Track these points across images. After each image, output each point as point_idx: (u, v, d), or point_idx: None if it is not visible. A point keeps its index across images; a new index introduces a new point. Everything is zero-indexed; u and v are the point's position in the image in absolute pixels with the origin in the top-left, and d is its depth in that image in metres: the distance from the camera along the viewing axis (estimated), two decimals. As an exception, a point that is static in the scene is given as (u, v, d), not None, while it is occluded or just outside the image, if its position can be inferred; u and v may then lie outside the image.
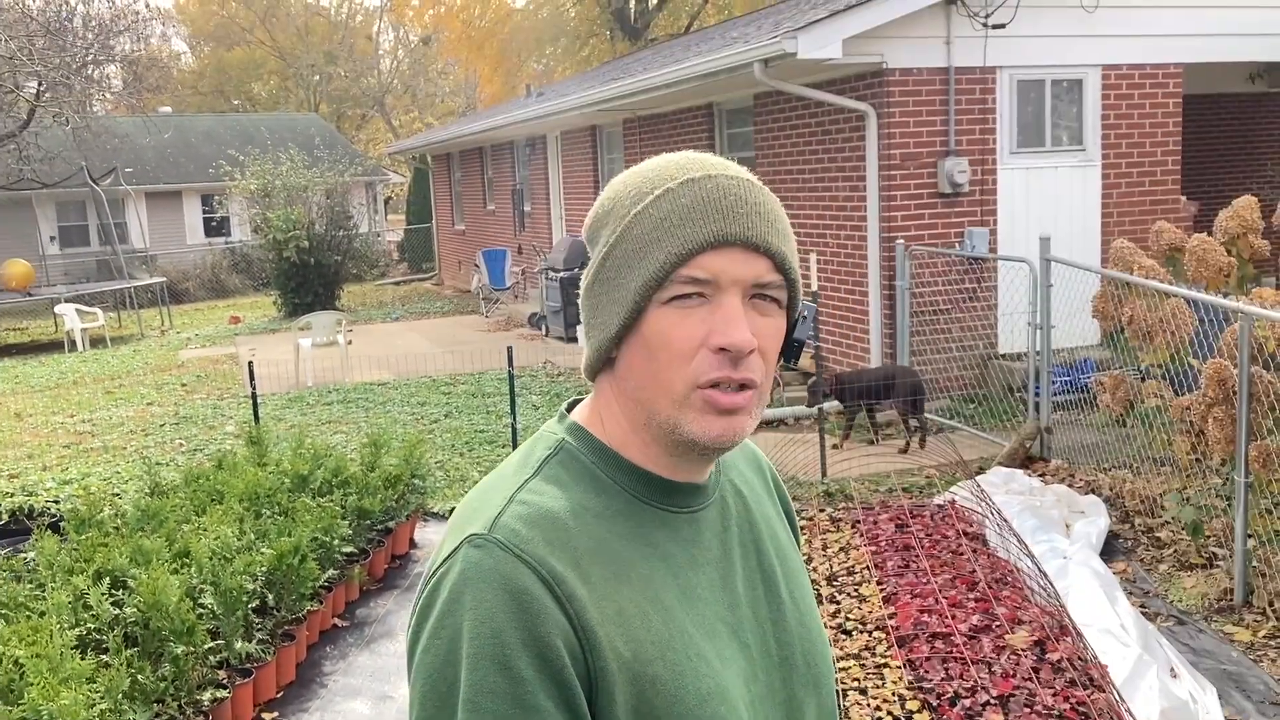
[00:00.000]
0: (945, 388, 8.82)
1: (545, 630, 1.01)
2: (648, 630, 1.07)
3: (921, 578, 5.01)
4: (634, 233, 1.10)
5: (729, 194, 1.10)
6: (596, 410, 1.18)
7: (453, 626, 1.02)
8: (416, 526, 6.66)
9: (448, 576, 1.05)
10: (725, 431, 1.09)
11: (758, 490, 1.31)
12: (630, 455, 1.15)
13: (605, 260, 1.12)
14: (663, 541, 1.13)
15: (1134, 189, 9.31)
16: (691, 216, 1.08)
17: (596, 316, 1.14)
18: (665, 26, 30.56)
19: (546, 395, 10.43)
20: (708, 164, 1.13)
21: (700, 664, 1.09)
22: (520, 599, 1.02)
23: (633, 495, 1.14)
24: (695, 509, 1.17)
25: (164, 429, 9.99)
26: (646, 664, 1.05)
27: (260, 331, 17.37)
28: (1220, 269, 5.68)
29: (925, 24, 8.51)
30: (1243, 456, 4.91)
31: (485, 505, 1.10)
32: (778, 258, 1.10)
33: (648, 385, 1.10)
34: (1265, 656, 4.52)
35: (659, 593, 1.10)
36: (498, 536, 1.05)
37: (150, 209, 26.86)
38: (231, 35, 45.64)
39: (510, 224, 18.43)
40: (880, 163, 8.65)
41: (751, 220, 1.09)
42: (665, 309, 1.08)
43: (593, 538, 1.09)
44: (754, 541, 1.23)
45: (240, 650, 4.41)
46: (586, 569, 1.06)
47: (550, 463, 1.14)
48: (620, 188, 1.15)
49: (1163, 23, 9.10)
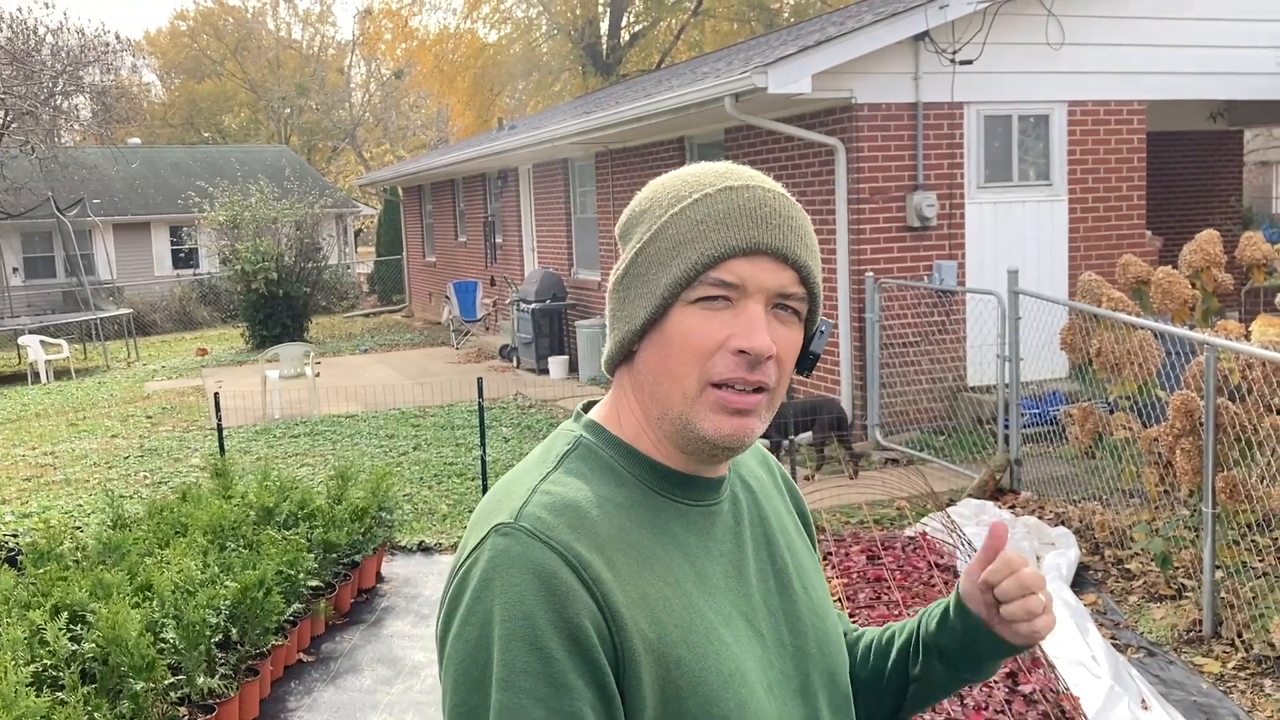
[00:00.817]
0: (915, 420, 8.84)
1: (574, 612, 1.04)
2: (670, 614, 1.10)
3: (894, 609, 4.99)
4: (669, 232, 1.14)
5: (765, 205, 1.14)
6: (614, 406, 1.22)
7: (484, 612, 1.05)
8: (384, 560, 6.58)
9: (476, 565, 1.08)
10: (736, 431, 1.13)
11: (767, 487, 1.34)
12: (645, 450, 1.18)
13: (638, 256, 1.16)
14: (679, 532, 1.17)
15: (1100, 223, 9.42)
16: (727, 222, 1.12)
17: (623, 310, 1.17)
18: (637, 62, 30.79)
19: (517, 427, 10.38)
20: (746, 175, 1.18)
21: (720, 647, 1.12)
22: (549, 582, 1.05)
23: (649, 488, 1.17)
24: (710, 503, 1.21)
25: (128, 461, 9.85)
26: (670, 646, 1.09)
27: (228, 363, 17.22)
28: (1185, 301, 5.73)
29: (893, 60, 8.60)
30: (1210, 487, 4.93)
31: (509, 497, 1.13)
32: (804, 271, 1.14)
33: (663, 380, 1.14)
34: (1235, 688, 4.52)
35: (678, 578, 1.13)
36: (524, 524, 1.08)
37: (117, 240, 26.66)
38: (202, 68, 45.61)
39: (481, 256, 18.41)
40: (850, 196, 8.71)
41: (784, 232, 1.14)
42: (691, 308, 1.12)
43: (614, 526, 1.12)
44: (765, 536, 1.27)
45: (202, 686, 4.32)
46: (610, 554, 1.09)
47: (570, 457, 1.18)
48: (659, 189, 1.19)
49: (1126, 60, 9.25)
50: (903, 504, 7.09)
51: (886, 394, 8.75)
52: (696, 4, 29.56)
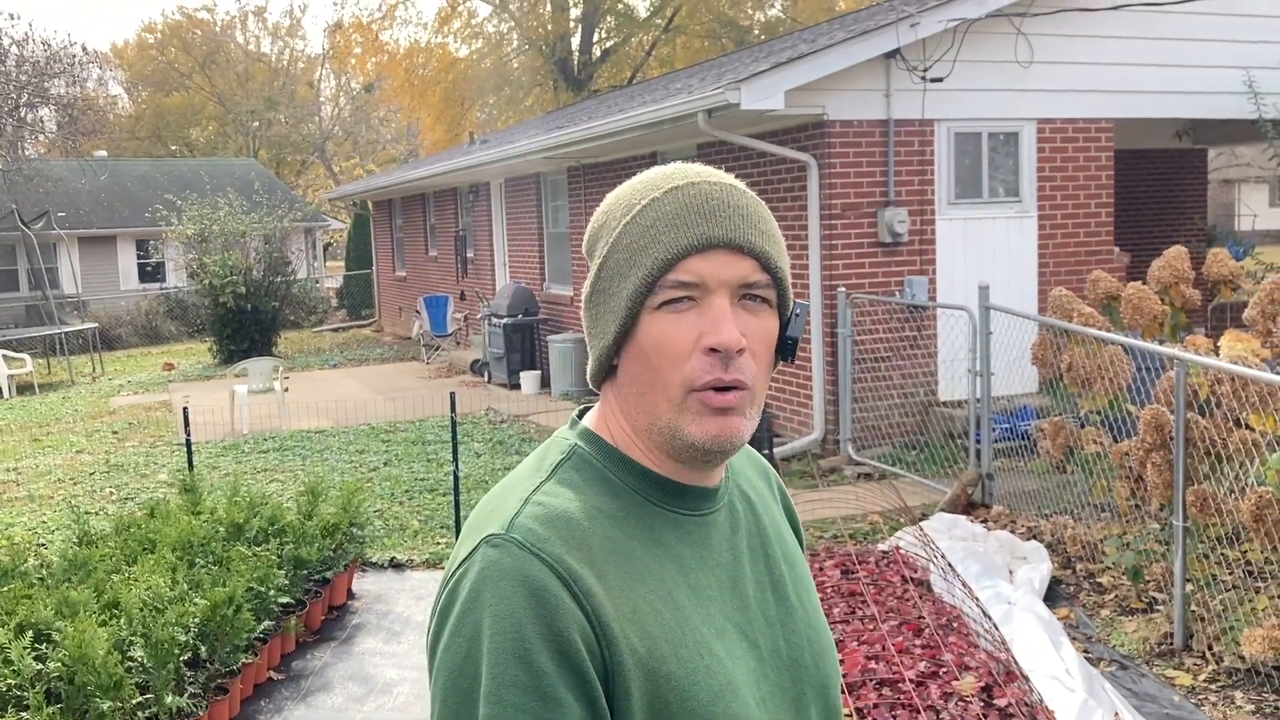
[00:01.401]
0: (887, 434, 8.88)
1: (564, 625, 1.04)
2: (661, 628, 1.09)
3: (868, 624, 4.99)
4: (624, 242, 1.13)
5: (711, 198, 1.13)
6: (604, 417, 1.21)
7: (473, 624, 1.05)
8: (354, 577, 6.52)
9: (467, 576, 1.07)
10: (722, 432, 1.12)
11: (765, 497, 1.33)
12: (638, 459, 1.17)
13: (600, 272, 1.16)
14: (673, 543, 1.16)
15: (1069, 239, 9.51)
16: (675, 223, 1.11)
17: (596, 326, 1.17)
18: (609, 78, 30.85)
19: (489, 442, 10.33)
20: (692, 172, 1.16)
21: (712, 661, 1.11)
22: (539, 595, 1.04)
23: (644, 498, 1.16)
24: (705, 513, 1.20)
25: (94, 477, 9.71)
26: (660, 661, 1.08)
27: (195, 378, 17.05)
28: (1155, 317, 5.79)
29: (865, 77, 8.66)
30: (1180, 501, 4.97)
31: (501, 507, 1.13)
32: (763, 258, 1.13)
33: (646, 391, 1.13)
34: (1206, 700, 4.55)
35: (671, 592, 1.12)
36: (515, 536, 1.07)
37: (83, 254, 26.36)
38: (170, 80, 45.27)
39: (453, 270, 18.35)
40: (822, 212, 8.75)
41: (734, 222, 1.12)
42: (657, 314, 1.11)
43: (607, 538, 1.11)
44: (763, 547, 1.26)
45: (171, 705, 4.25)
46: (602, 567, 1.08)
47: (564, 467, 1.17)
48: (613, 201, 1.18)
49: (1095, 79, 9.36)
50: (876, 518, 7.10)
51: (859, 409, 8.78)
52: (668, 20, 29.68)
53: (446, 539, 7.23)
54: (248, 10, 57.39)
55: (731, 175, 1.18)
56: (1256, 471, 4.78)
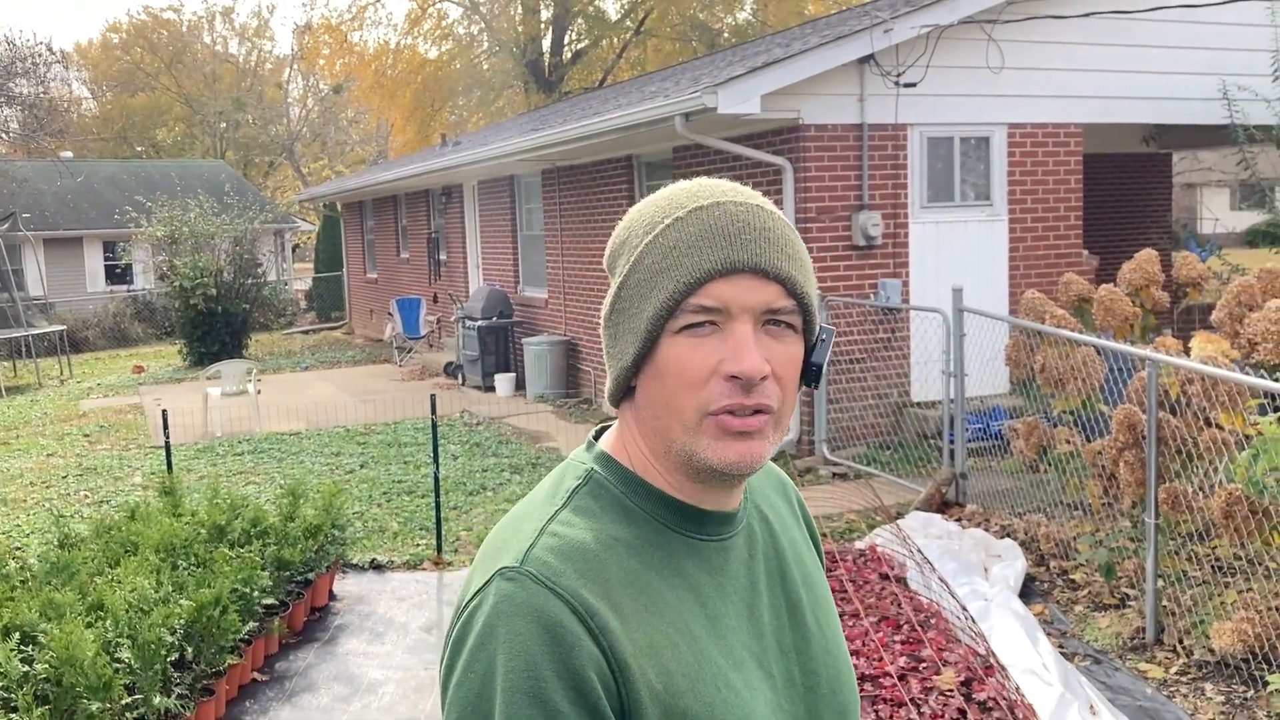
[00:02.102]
0: (861, 435, 8.98)
1: (579, 663, 1.01)
2: (678, 662, 1.07)
3: (848, 621, 5.07)
4: (645, 262, 1.11)
5: (737, 220, 1.10)
6: (621, 439, 1.18)
7: (487, 660, 1.02)
8: (336, 578, 6.53)
9: (481, 609, 1.05)
10: (743, 456, 1.09)
11: (784, 517, 1.31)
12: (656, 483, 1.15)
13: (620, 291, 1.13)
14: (691, 571, 1.13)
15: (1039, 243, 9.66)
16: (699, 245, 1.09)
17: (615, 346, 1.14)
18: (580, 80, 30.90)
19: (465, 445, 10.34)
20: (718, 190, 1.13)
21: (729, 694, 1.09)
22: (554, 631, 1.02)
23: (662, 524, 1.14)
24: (724, 537, 1.17)
25: (66, 481, 9.65)
26: (678, 696, 1.05)
27: (165, 381, 16.93)
28: (1126, 318, 5.91)
29: (840, 82, 8.76)
30: (1152, 498, 5.09)
31: (516, 537, 1.10)
32: (789, 283, 1.10)
33: (662, 415, 1.11)
34: (1178, 692, 4.66)
35: (688, 623, 1.10)
36: (530, 569, 1.05)
37: (49, 255, 26.09)
38: (136, 81, 44.87)
39: (425, 272, 18.32)
40: (797, 215, 8.83)
41: (760, 246, 1.09)
42: (678, 338, 1.09)
43: (624, 569, 1.09)
44: (780, 569, 1.23)
45: (159, 705, 4.26)
46: (618, 601, 1.06)
47: (580, 493, 1.14)
48: (635, 217, 1.16)
49: (1064, 84, 9.51)
50: (853, 517, 7.19)
51: (834, 410, 8.88)
52: (639, 23, 29.76)
53: (426, 540, 7.25)
54: (215, 10, 57.01)
55: (759, 194, 1.16)
56: (1226, 469, 4.90)
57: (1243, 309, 5.42)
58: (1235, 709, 4.48)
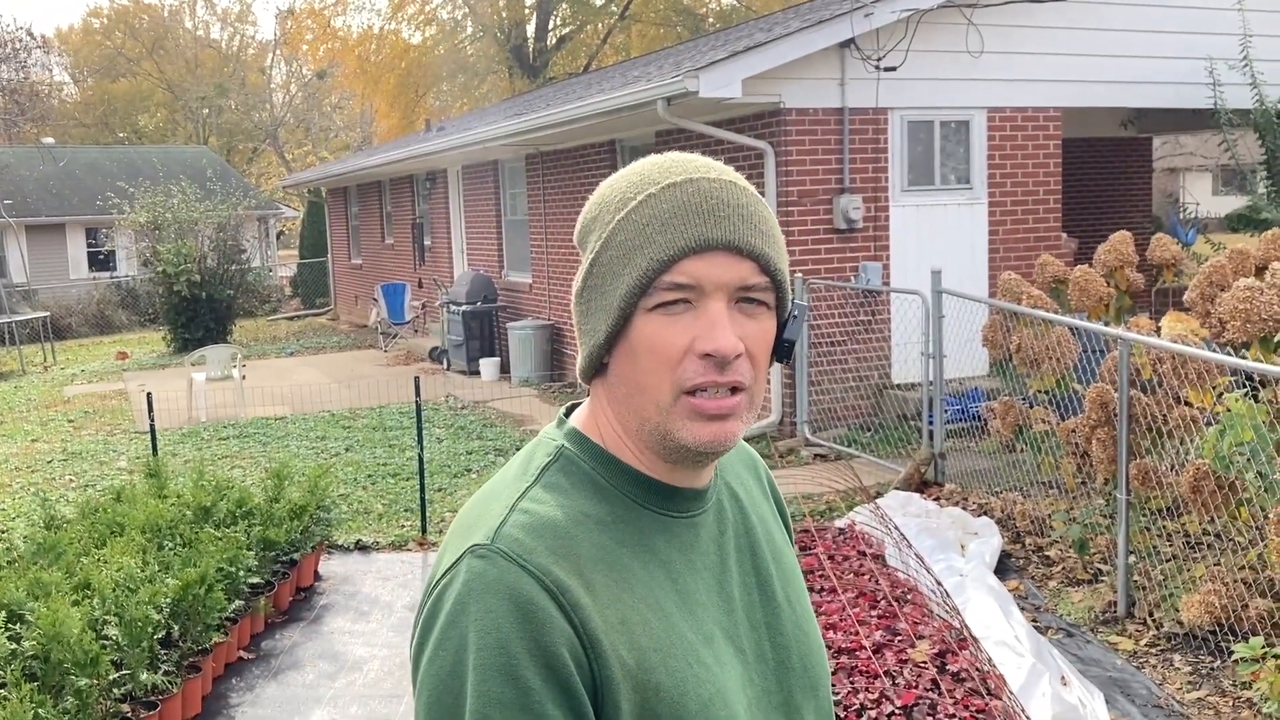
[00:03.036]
0: (842, 416, 9.06)
1: (551, 639, 1.01)
2: (650, 638, 1.07)
3: (826, 596, 5.16)
4: (617, 239, 1.10)
5: (710, 197, 1.09)
6: (593, 415, 1.18)
7: (458, 637, 1.02)
8: (321, 559, 6.59)
9: (451, 587, 1.05)
10: (716, 437, 1.09)
11: (754, 493, 1.31)
12: (627, 460, 1.15)
13: (593, 266, 1.12)
14: (662, 547, 1.14)
15: (1018, 226, 9.75)
16: (672, 222, 1.08)
17: (587, 322, 1.13)
18: (564, 65, 30.86)
19: (450, 428, 10.40)
20: (690, 166, 1.13)
21: (700, 670, 1.10)
22: (525, 609, 1.02)
23: (632, 500, 1.14)
24: (694, 514, 1.17)
25: (51, 465, 9.67)
26: (649, 672, 1.06)
27: (149, 367, 16.92)
28: (1101, 299, 6.00)
29: (820, 66, 8.82)
30: (1124, 475, 5.19)
31: (486, 514, 1.10)
32: (762, 260, 1.09)
33: (635, 392, 1.10)
34: (1147, 663, 4.77)
35: (659, 599, 1.10)
36: (501, 546, 1.05)
37: (31, 242, 25.98)
38: (117, 67, 44.61)
39: (410, 258, 18.33)
40: (778, 199, 8.90)
41: (734, 223, 1.08)
42: (651, 316, 1.08)
43: (595, 545, 1.09)
44: (750, 546, 1.23)
45: (146, 681, 4.32)
46: (589, 577, 1.06)
47: (550, 470, 1.14)
48: (607, 192, 1.15)
49: (1043, 69, 9.59)
50: (833, 497, 7.28)
51: (815, 392, 8.96)
52: (623, 8, 29.72)
53: (411, 521, 7.31)
54: (196, -5, 56.54)
55: (731, 169, 1.15)
56: (1195, 446, 4.99)
57: (1214, 289, 5.50)
58: (1202, 678, 4.58)
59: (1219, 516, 4.88)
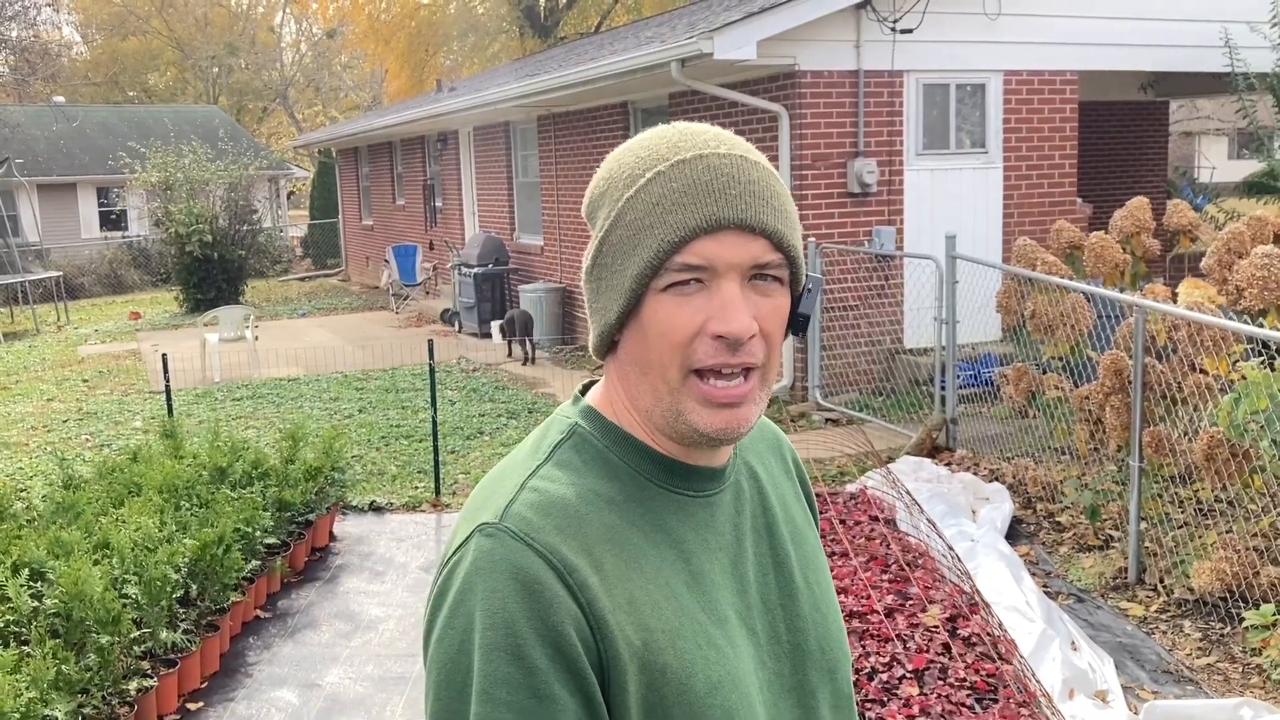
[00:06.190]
0: (854, 381, 9.07)
1: (558, 619, 1.01)
2: (658, 619, 1.06)
3: (838, 560, 5.19)
4: (627, 218, 1.08)
5: (721, 174, 1.07)
6: (607, 393, 1.16)
7: (465, 616, 1.02)
8: (336, 519, 6.64)
9: (460, 565, 1.05)
10: (729, 424, 1.08)
11: (775, 473, 1.29)
12: (641, 438, 1.14)
13: (602, 245, 1.10)
14: (675, 526, 1.12)
15: (1034, 190, 9.69)
16: (683, 201, 1.05)
17: (598, 301, 1.12)
18: (575, 25, 30.61)
19: (462, 390, 10.43)
20: (700, 140, 1.10)
21: (710, 651, 1.09)
22: (532, 588, 1.01)
23: (646, 479, 1.12)
24: (710, 493, 1.16)
25: (67, 425, 9.74)
26: (657, 653, 1.05)
27: (162, 327, 16.98)
28: (1117, 265, 5.98)
29: (836, 28, 8.74)
30: (1137, 442, 5.19)
31: (497, 492, 1.10)
32: (775, 237, 1.07)
33: (647, 372, 1.09)
34: (1157, 629, 4.80)
35: (670, 580, 1.09)
36: (509, 525, 1.05)
37: (43, 201, 26.00)
38: (127, 25, 44.33)
39: (421, 219, 18.31)
40: (792, 162, 8.86)
41: (745, 200, 1.06)
42: (662, 296, 1.06)
43: (605, 525, 1.08)
44: (767, 526, 1.22)
45: (166, 640, 4.38)
46: (598, 557, 1.06)
47: (563, 447, 1.13)
48: (614, 167, 1.12)
49: (1060, 31, 9.49)
50: (844, 461, 7.30)
51: (827, 357, 8.96)
52: (635, -33, 29.41)
53: (424, 483, 7.36)
54: (205, -48, 56.14)
55: (742, 140, 1.12)
56: (1210, 413, 4.99)
57: (1232, 256, 5.48)
58: (1212, 644, 4.61)
59: (1232, 484, 4.89)
